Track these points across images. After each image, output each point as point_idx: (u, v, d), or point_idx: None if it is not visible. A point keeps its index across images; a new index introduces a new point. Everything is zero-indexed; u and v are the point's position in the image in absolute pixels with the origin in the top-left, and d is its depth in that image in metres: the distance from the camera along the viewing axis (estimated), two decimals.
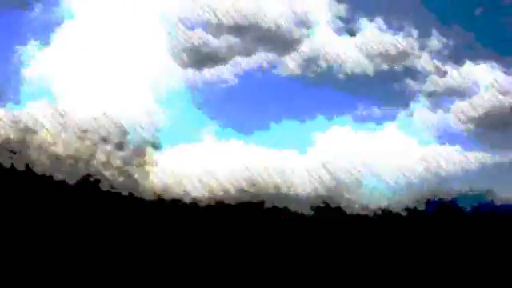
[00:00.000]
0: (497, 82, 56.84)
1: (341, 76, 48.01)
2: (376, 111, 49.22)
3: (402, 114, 51.41)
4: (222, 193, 33.51)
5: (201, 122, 40.57)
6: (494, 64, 58.68)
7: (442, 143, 51.38)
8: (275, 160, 36.59)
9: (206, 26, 42.30)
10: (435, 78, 55.54)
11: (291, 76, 45.29)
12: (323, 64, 45.90)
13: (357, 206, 36.01)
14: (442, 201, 40.75)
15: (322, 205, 34.13)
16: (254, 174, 34.17)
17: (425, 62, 54.71)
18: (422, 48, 54.83)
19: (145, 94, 39.12)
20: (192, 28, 42.16)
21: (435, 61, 55.32)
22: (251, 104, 45.57)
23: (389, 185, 40.18)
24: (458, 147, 50.99)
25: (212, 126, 40.16)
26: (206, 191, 34.06)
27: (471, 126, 56.47)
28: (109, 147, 35.58)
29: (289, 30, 44.49)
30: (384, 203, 38.11)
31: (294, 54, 44.63)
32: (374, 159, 41.17)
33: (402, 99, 54.03)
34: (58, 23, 42.07)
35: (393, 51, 52.12)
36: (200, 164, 35.39)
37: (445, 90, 55.46)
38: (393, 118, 50.49)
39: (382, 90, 52.53)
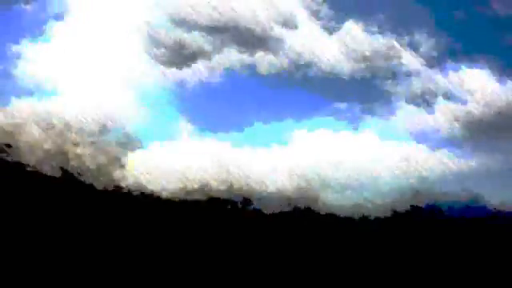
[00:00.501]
0: (486, 85, 54.78)
1: (319, 76, 48.46)
2: (354, 112, 48.72)
3: (382, 114, 49.94)
4: (196, 189, 35.72)
5: (178, 120, 42.34)
6: (483, 67, 56.09)
7: (425, 146, 49.09)
8: (248, 159, 38.46)
9: (186, 25, 43.76)
10: (419, 79, 53.56)
11: (268, 75, 46.31)
12: (301, 64, 46.91)
13: (328, 207, 36.90)
14: (426, 205, 40.29)
15: (297, 205, 35.99)
16: (226, 171, 36.27)
17: (408, 62, 52.94)
18: (406, 48, 52.98)
19: (124, 92, 40.82)
20: (172, 27, 43.60)
21: (420, 61, 53.50)
22: (228, 103, 46.73)
23: (367, 187, 40.55)
24: (443, 150, 49.18)
25: (189, 124, 41.93)
26: (181, 187, 36.22)
27: (458, 129, 54.11)
28: (90, 144, 37.51)
29: (267, 29, 45.54)
30: (359, 206, 38.44)
31: (272, 54, 45.77)
32: (351, 160, 41.88)
33: (383, 100, 52.04)
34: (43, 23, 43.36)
35: (374, 51, 50.90)
36: (176, 161, 37.32)
37: (429, 91, 53.28)
38: (372, 118, 49.10)
39: (362, 91, 50.98)
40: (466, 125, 52.61)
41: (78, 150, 37.08)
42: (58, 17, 43.45)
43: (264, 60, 44.61)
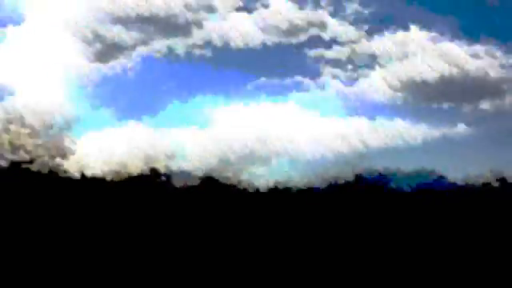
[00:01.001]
0: (428, 46, 52.37)
1: (242, 53, 50.50)
2: (281, 85, 49.61)
3: (311, 85, 49.86)
4: (124, 170, 39.52)
5: (109, 109, 46.23)
6: (428, 26, 54.50)
7: (358, 116, 48.15)
8: (173, 138, 41.84)
9: (112, 20, 46.87)
10: (352, 46, 52.45)
11: (191, 58, 49.21)
12: (223, 43, 49.19)
13: (254, 181, 37.67)
14: (363, 178, 38.56)
15: (220, 180, 37.93)
16: (148, 152, 39.58)
17: (339, 30, 52.15)
18: (336, 16, 52.65)
19: (58, 85, 44.43)
20: (99, 22, 46.75)
21: (349, 29, 52.54)
22: (152, 89, 50.02)
23: (299, 161, 41.18)
24: (379, 120, 47.81)
25: (116, 112, 45.76)
26: (114, 170, 40.00)
27: (400, 97, 52.26)
28: (29, 136, 41.32)
29: (186, 13, 48.23)
30: (294, 179, 38.04)
31: (193, 37, 48.70)
32: (279, 135, 42.81)
33: (313, 70, 51.69)
34: None
35: (299, 22, 50.88)
36: (107, 146, 41.10)
37: (365, 58, 52.19)
38: (300, 90, 49.47)
39: (288, 64, 51.68)
40: (405, 91, 51.88)
41: (25, 142, 40.98)
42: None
43: (186, 43, 47.61)
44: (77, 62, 44.92)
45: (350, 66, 52.45)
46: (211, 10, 48.91)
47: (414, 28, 54.08)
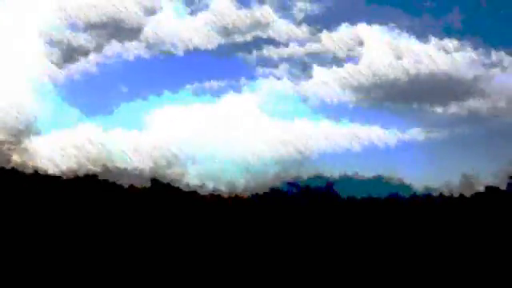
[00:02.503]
0: (384, 44, 49.09)
1: (185, 54, 51.56)
2: (222, 85, 50.47)
3: (253, 86, 49.46)
4: (78, 169, 42.34)
5: (68, 110, 49.06)
6: (385, 23, 51.70)
7: (306, 118, 46.39)
8: (119, 139, 44.02)
9: (73, 26, 49.58)
10: (298, 45, 51.84)
11: (139, 62, 51.47)
12: (168, 45, 50.91)
13: (194, 182, 38.95)
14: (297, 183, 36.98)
15: (161, 180, 39.91)
16: (98, 151, 42.26)
17: (286, 29, 51.82)
18: (282, 15, 52.39)
19: (22, 88, 47.03)
20: (62, 28, 49.51)
21: (299, 27, 52.20)
22: (104, 91, 52.82)
23: (238, 164, 40.65)
24: (328, 122, 45.77)
25: (77, 112, 48.56)
26: (68, 167, 42.79)
27: (352, 98, 50.33)
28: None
29: (135, 18, 50.52)
30: (229, 181, 38.42)
31: (140, 40, 50.97)
32: (220, 135, 43.15)
33: (255, 71, 52.28)
34: None
35: (244, 23, 50.98)
36: (64, 144, 43.86)
37: (312, 57, 50.73)
38: (241, 91, 49.57)
39: (228, 65, 53.23)
40: (358, 92, 50.14)
41: None
42: None
43: (135, 48, 49.90)
44: (39, 64, 47.52)
45: (295, 66, 51.75)
46: (157, 14, 50.73)
47: (368, 26, 52.02)
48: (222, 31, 51.44)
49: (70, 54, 49.93)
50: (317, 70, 49.77)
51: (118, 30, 50.62)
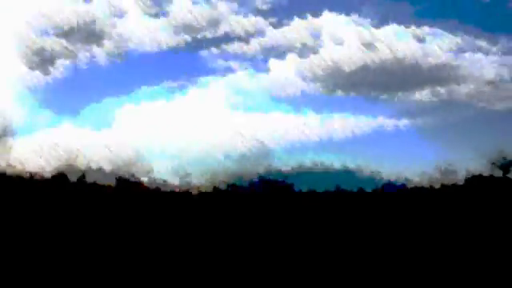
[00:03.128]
0: (348, 33, 47.86)
1: (148, 54, 53.05)
2: (183, 82, 51.76)
3: (213, 80, 49.89)
4: (50, 168, 44.22)
5: (43, 113, 51.15)
6: (347, 12, 51.29)
7: (270, 109, 46.04)
8: (87, 138, 45.52)
9: (46, 31, 51.47)
10: (257, 38, 52.32)
11: (108, 62, 53.32)
12: (132, 46, 52.39)
13: (159, 179, 39.82)
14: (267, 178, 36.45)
15: (126, 177, 41.22)
16: (67, 150, 43.64)
17: (244, 23, 52.54)
18: (241, 11, 53.46)
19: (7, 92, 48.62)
20: (36, 34, 51.40)
21: (261, 20, 52.15)
22: (76, 93, 55.03)
23: (199, 159, 41.04)
24: (290, 113, 44.40)
25: (53, 114, 50.56)
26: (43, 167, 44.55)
27: (314, 88, 49.57)
28: None
29: (104, 21, 52.25)
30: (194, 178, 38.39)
31: (109, 42, 52.79)
32: (183, 130, 43.77)
33: (216, 66, 52.61)
34: None
35: (203, 21, 52.67)
36: (41, 145, 45.53)
37: (273, 48, 50.74)
38: (202, 86, 50.36)
39: (189, 62, 53.83)
40: (321, 81, 49.15)
41: None
42: None
43: (103, 50, 51.65)
44: (13, 68, 49.37)
45: (255, 60, 51.84)
46: (123, 17, 52.19)
47: (329, 14, 51.07)
48: (184, 29, 54.14)
49: (43, 58, 52.01)
50: (277, 62, 49.41)
51: (88, 33, 52.48)
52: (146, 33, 53.32)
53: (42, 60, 51.52)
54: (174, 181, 40.51)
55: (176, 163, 40.76)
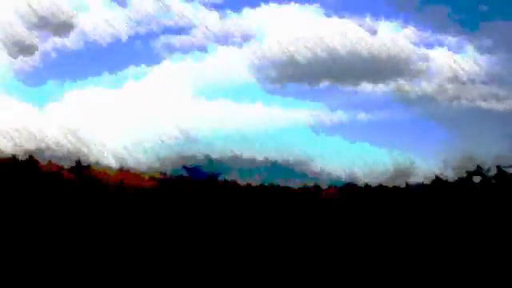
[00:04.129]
0: (298, 22, 46.56)
1: (101, 45, 55.42)
2: (123, 74, 52.99)
3: (157, 70, 49.67)
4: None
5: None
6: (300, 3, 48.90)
7: (212, 98, 45.28)
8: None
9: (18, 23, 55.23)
10: (202, 28, 51.92)
11: (72, 52, 56.47)
12: (93, 36, 54.90)
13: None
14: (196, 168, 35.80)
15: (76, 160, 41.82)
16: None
17: (190, 14, 52.61)
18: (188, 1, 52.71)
19: None
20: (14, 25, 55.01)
21: (207, 11, 52.39)
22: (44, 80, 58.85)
23: (134, 146, 40.80)
24: (232, 103, 42.91)
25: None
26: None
27: (263, 78, 48.00)
28: None
29: (69, 14, 55.43)
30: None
31: (72, 34, 56.24)
32: (126, 118, 43.95)
33: (158, 57, 53.72)
34: None
35: (155, 11, 53.94)
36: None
37: (216, 39, 49.95)
38: (141, 77, 51.08)
39: (135, 52, 55.75)
40: (264, 72, 47.36)
41: None
42: None
43: (69, 40, 55.01)
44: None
45: (200, 49, 51.64)
46: (84, 9, 55.36)
47: (277, 5, 49.25)
48: (138, 21, 54.93)
49: (16, 48, 55.94)
50: (220, 52, 48.99)
51: (54, 25, 55.75)
52: (102, 25, 54.84)
53: (15, 50, 55.66)
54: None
55: (117, 148, 41.61)
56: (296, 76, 47.03)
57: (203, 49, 52.53)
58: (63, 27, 56.97)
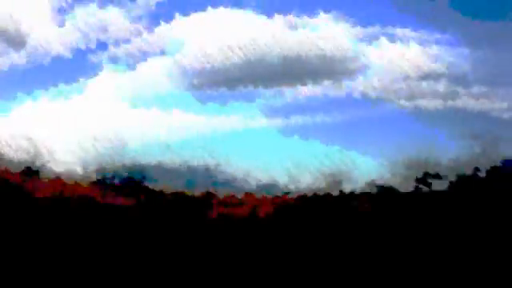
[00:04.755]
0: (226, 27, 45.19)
1: (52, 56, 51.96)
2: (73, 86, 49.75)
3: (95, 83, 48.81)
4: None
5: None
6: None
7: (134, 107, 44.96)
8: None
9: None
10: (134, 40, 48.56)
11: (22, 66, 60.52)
12: (42, 52, 56.50)
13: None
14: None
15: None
16: None
17: (124, 27, 49.35)
18: (123, 15, 50.08)
19: None
20: None
21: (139, 23, 48.64)
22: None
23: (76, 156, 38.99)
24: (159, 112, 43.34)
25: None
26: None
27: (187, 86, 46.50)
28: None
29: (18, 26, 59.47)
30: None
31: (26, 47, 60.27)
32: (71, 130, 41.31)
33: (102, 68, 49.42)
34: None
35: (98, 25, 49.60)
36: None
37: (145, 50, 48.70)
38: (85, 89, 49.33)
39: (75, 64, 53.29)
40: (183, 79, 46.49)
41: None
42: None
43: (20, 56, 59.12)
44: None
45: (134, 60, 50.66)
46: (38, 26, 59.71)
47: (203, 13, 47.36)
48: (80, 36, 57.98)
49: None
50: (149, 62, 50.06)
51: (8, 39, 59.32)
52: (50, 40, 56.55)
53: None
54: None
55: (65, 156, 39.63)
56: (220, 82, 47.79)
57: (135, 59, 52.39)
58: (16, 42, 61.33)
